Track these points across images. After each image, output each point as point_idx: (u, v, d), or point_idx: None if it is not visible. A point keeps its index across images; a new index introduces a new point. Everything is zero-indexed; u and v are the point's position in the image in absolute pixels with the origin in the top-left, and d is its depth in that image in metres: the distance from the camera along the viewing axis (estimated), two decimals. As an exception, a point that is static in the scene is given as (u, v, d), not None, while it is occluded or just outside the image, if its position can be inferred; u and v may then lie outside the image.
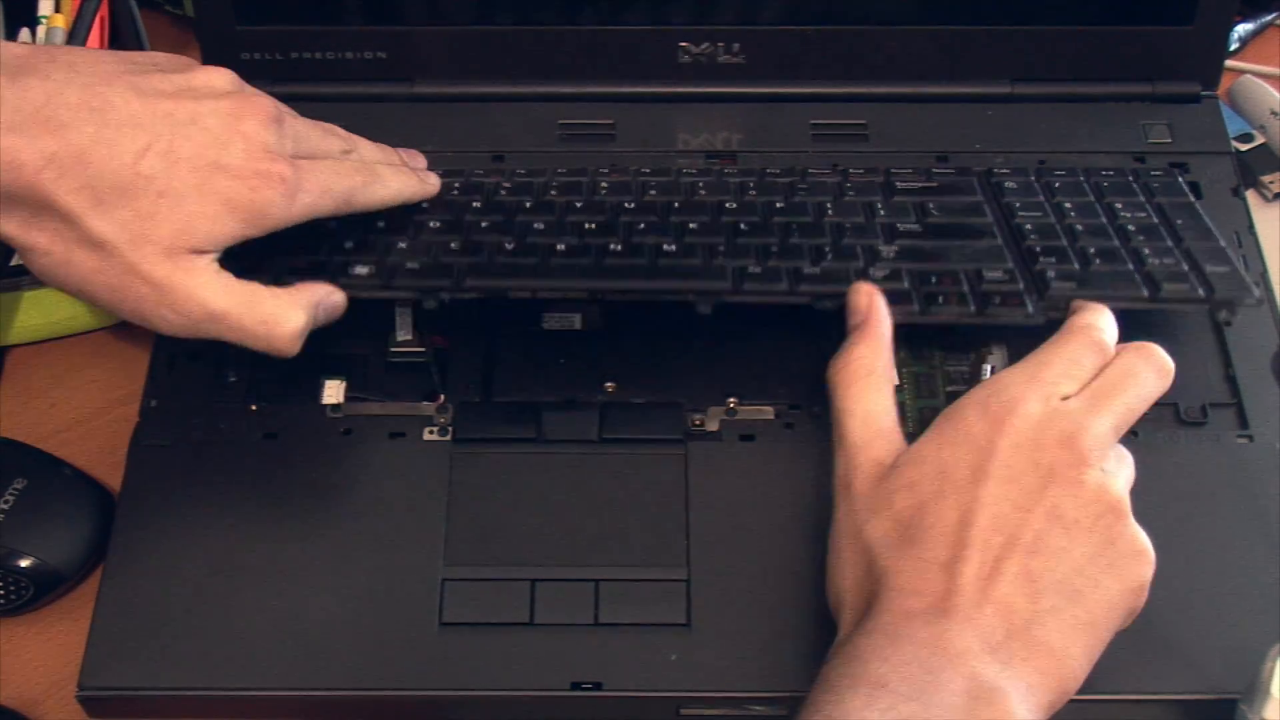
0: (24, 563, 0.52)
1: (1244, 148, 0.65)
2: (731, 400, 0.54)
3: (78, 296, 0.47)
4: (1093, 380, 0.45)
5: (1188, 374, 0.55)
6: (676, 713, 0.49)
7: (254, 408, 0.54)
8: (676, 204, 0.56)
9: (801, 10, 0.61)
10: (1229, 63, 0.68)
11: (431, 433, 0.54)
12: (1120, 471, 0.45)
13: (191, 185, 0.45)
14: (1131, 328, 0.50)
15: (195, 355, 0.56)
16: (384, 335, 0.56)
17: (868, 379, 0.47)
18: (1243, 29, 0.71)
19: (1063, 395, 0.44)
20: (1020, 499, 0.43)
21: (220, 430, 0.54)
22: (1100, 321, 0.47)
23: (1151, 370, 0.45)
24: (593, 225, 0.54)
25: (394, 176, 0.53)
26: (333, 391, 0.55)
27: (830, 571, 0.46)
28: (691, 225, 0.55)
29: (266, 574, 0.50)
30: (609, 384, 0.55)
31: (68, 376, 0.60)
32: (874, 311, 0.49)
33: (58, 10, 0.64)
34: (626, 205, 0.55)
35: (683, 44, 0.61)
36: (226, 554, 0.50)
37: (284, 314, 0.48)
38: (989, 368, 0.55)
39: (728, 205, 0.56)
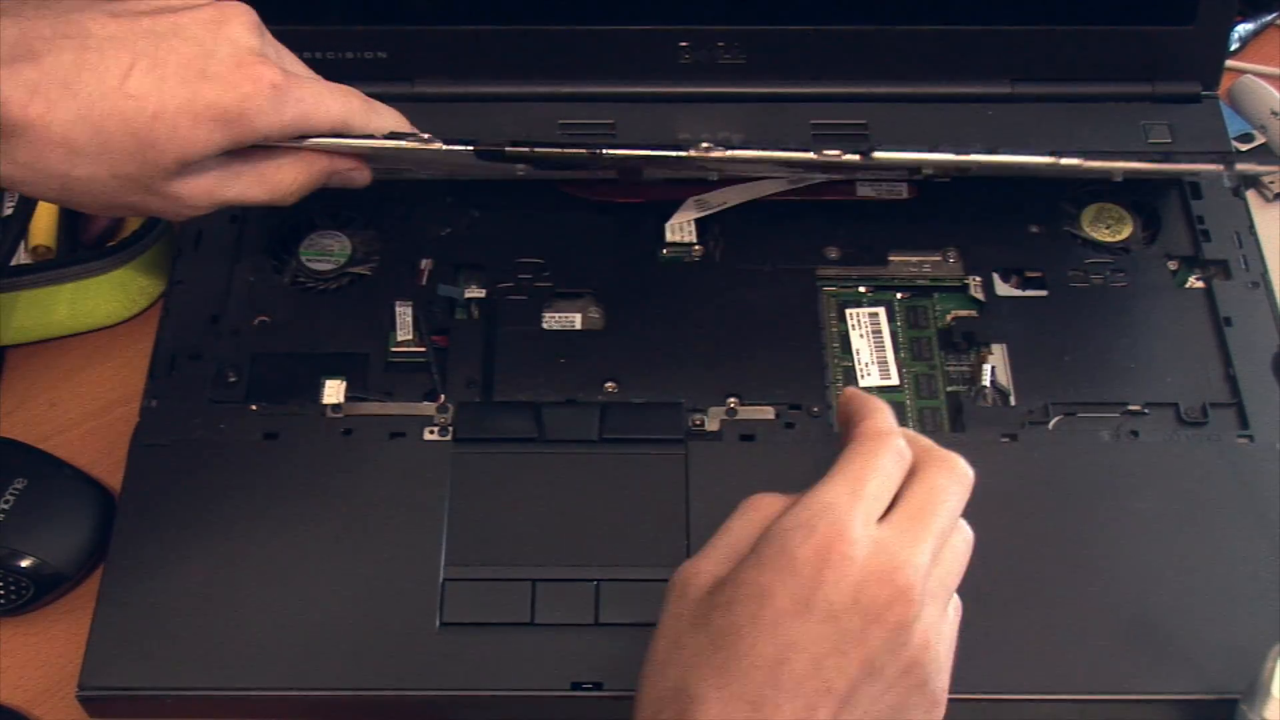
0: (24, 563, 0.52)
1: (1244, 148, 0.65)
2: (731, 400, 0.54)
3: (95, 214, 0.48)
4: (900, 496, 0.41)
5: (1188, 374, 0.55)
6: (676, 713, 0.49)
7: (254, 408, 0.54)
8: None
9: (801, 10, 0.60)
10: (1229, 63, 0.68)
11: (431, 433, 0.54)
12: (936, 609, 0.40)
13: (182, 101, 0.45)
14: (1137, 308, 0.50)
15: (195, 355, 0.56)
16: (384, 335, 0.57)
17: (774, 512, 0.42)
18: (1243, 29, 0.71)
19: (879, 515, 0.41)
20: (839, 642, 0.39)
21: (220, 430, 0.54)
22: (893, 424, 0.43)
23: (957, 486, 0.42)
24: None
25: (390, 112, 0.52)
26: (333, 391, 0.55)
27: (640, 680, 0.41)
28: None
29: (266, 574, 0.50)
30: (609, 384, 0.55)
31: (68, 376, 0.60)
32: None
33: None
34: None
35: (683, 44, 0.61)
36: (226, 554, 0.50)
37: (286, 178, 0.49)
38: (989, 368, 0.56)
39: None
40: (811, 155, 0.50)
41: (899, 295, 0.59)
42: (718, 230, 0.60)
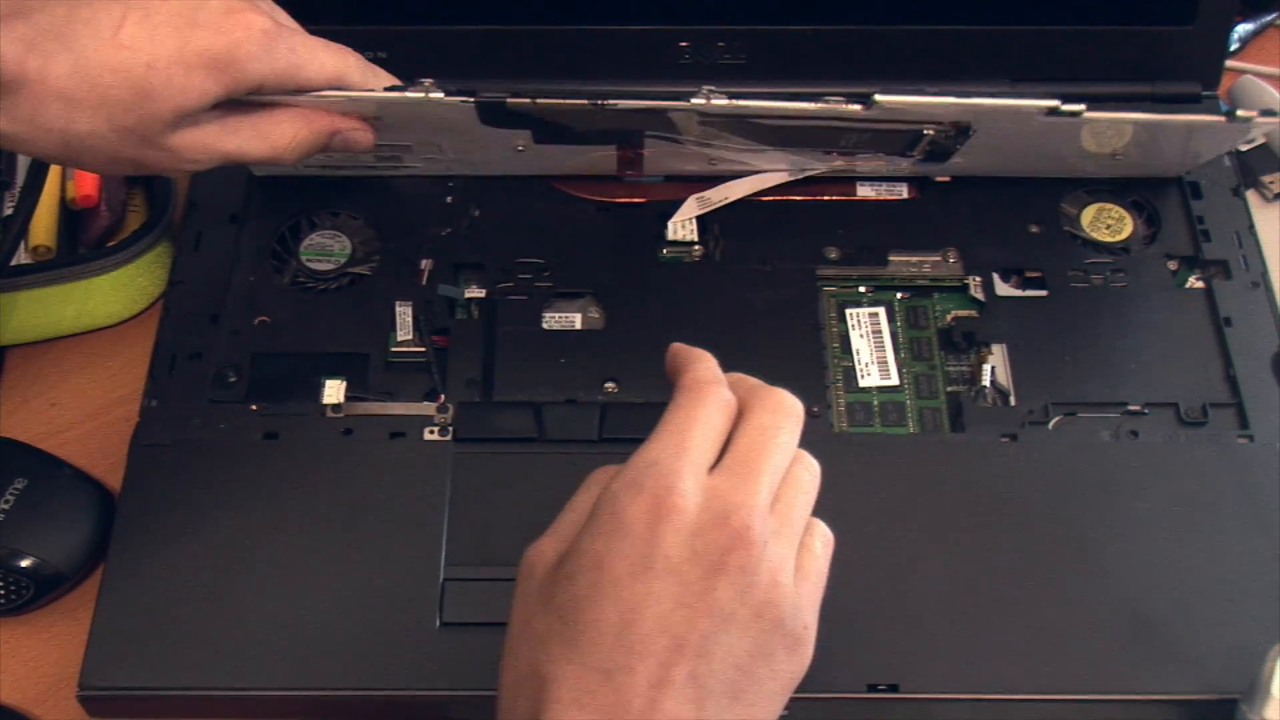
0: (24, 563, 0.52)
1: (1244, 148, 0.65)
2: (731, 400, 0.54)
3: (96, 173, 0.49)
4: (729, 442, 0.41)
5: (1188, 374, 0.55)
6: (676, 713, 0.49)
7: (254, 408, 0.54)
8: None
9: (801, 10, 0.60)
10: (1229, 63, 0.68)
11: (431, 433, 0.54)
12: (783, 546, 0.40)
13: (174, 50, 0.45)
14: (1137, 308, 0.50)
15: (195, 355, 0.56)
16: (384, 335, 0.56)
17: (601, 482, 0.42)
18: (1243, 29, 0.71)
19: (709, 465, 0.40)
20: (683, 595, 0.38)
21: (220, 430, 0.54)
22: (715, 373, 0.42)
23: (785, 420, 0.41)
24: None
25: (389, 76, 0.53)
26: (333, 391, 0.55)
27: (499, 670, 0.40)
28: None
29: (266, 574, 0.50)
30: (609, 384, 0.55)
31: (68, 376, 0.60)
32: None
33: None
34: None
35: (683, 44, 0.61)
36: (226, 554, 0.50)
37: (285, 133, 0.49)
38: (989, 368, 0.56)
39: None
40: (815, 105, 0.50)
41: (899, 295, 0.59)
42: (718, 230, 0.60)
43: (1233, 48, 0.70)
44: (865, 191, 0.61)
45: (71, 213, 0.61)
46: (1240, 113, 0.53)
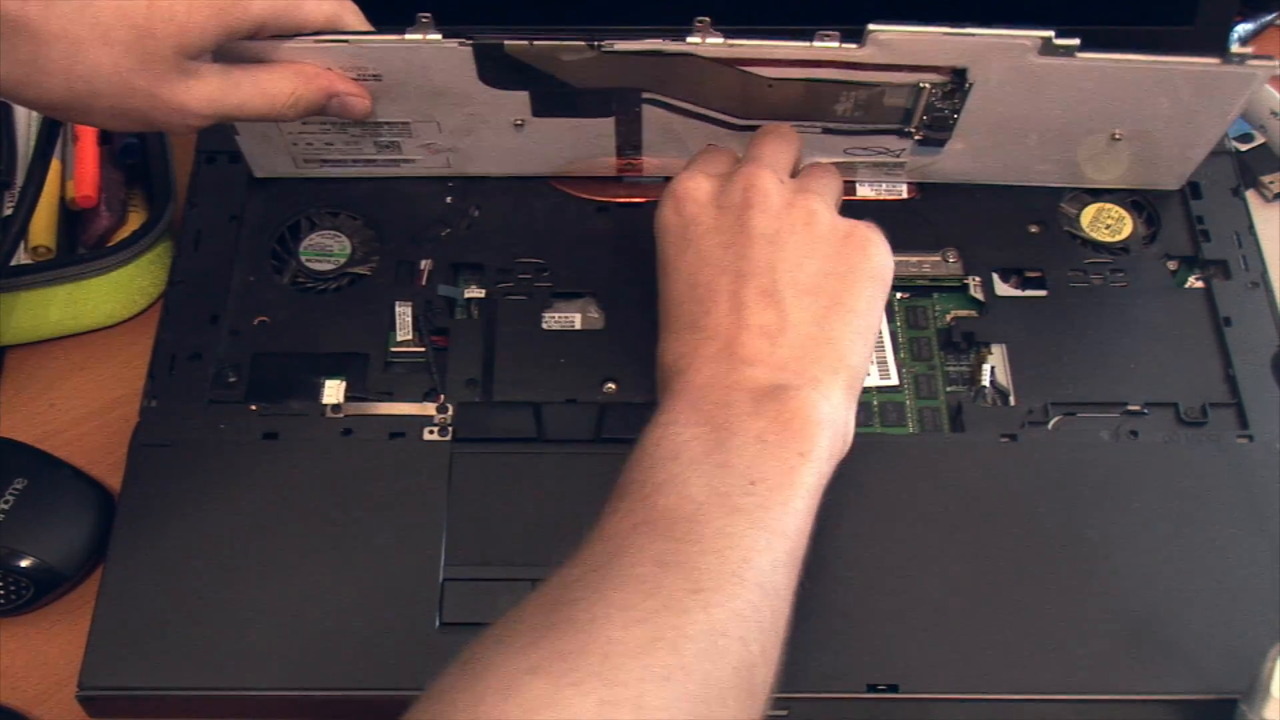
0: (24, 563, 0.52)
1: (1244, 148, 0.65)
2: (731, 400, 0.54)
3: (102, 126, 0.52)
4: None
5: (1188, 374, 0.55)
6: (676, 713, 0.49)
7: (254, 408, 0.54)
8: None
9: (802, 11, 0.60)
10: (1229, 63, 0.68)
11: (431, 433, 0.54)
12: (809, 184, 0.49)
13: None
14: (1137, 308, 0.50)
15: (195, 355, 0.56)
16: (384, 335, 0.57)
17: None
18: (1243, 29, 0.71)
19: (716, 174, 0.50)
20: (725, 239, 0.47)
21: (220, 430, 0.54)
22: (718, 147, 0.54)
23: (783, 137, 0.52)
24: None
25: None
26: (333, 391, 0.55)
27: None
28: None
29: (266, 574, 0.50)
30: (609, 384, 0.55)
31: (68, 376, 0.60)
32: None
33: None
34: None
35: (683, 44, 0.61)
36: (226, 554, 0.50)
37: (284, 89, 0.50)
38: (989, 368, 0.56)
39: None
40: (809, 44, 0.52)
41: (899, 295, 0.59)
42: (718, 230, 0.59)
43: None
44: (865, 191, 0.61)
45: (71, 213, 0.61)
46: (1235, 49, 0.52)
